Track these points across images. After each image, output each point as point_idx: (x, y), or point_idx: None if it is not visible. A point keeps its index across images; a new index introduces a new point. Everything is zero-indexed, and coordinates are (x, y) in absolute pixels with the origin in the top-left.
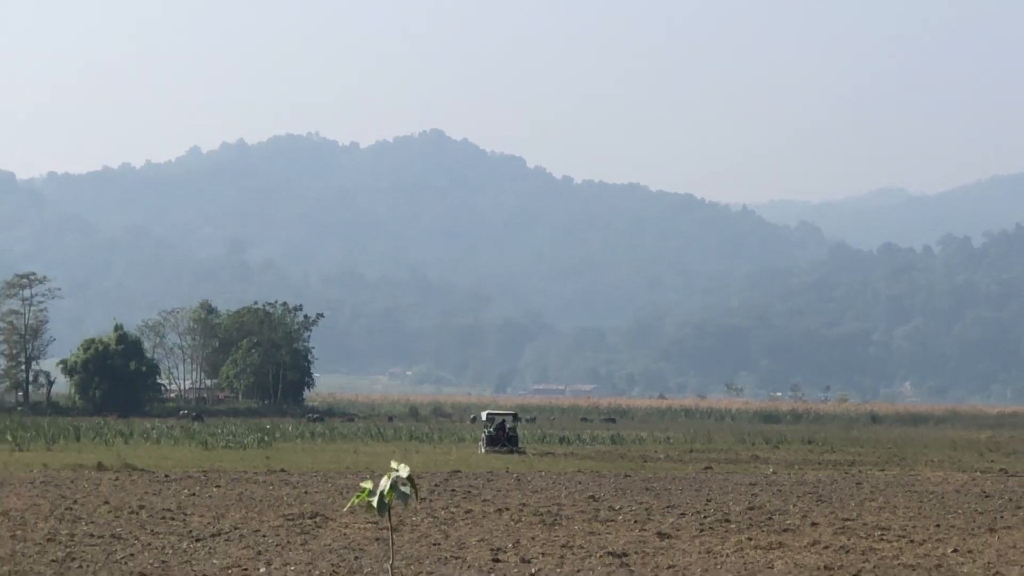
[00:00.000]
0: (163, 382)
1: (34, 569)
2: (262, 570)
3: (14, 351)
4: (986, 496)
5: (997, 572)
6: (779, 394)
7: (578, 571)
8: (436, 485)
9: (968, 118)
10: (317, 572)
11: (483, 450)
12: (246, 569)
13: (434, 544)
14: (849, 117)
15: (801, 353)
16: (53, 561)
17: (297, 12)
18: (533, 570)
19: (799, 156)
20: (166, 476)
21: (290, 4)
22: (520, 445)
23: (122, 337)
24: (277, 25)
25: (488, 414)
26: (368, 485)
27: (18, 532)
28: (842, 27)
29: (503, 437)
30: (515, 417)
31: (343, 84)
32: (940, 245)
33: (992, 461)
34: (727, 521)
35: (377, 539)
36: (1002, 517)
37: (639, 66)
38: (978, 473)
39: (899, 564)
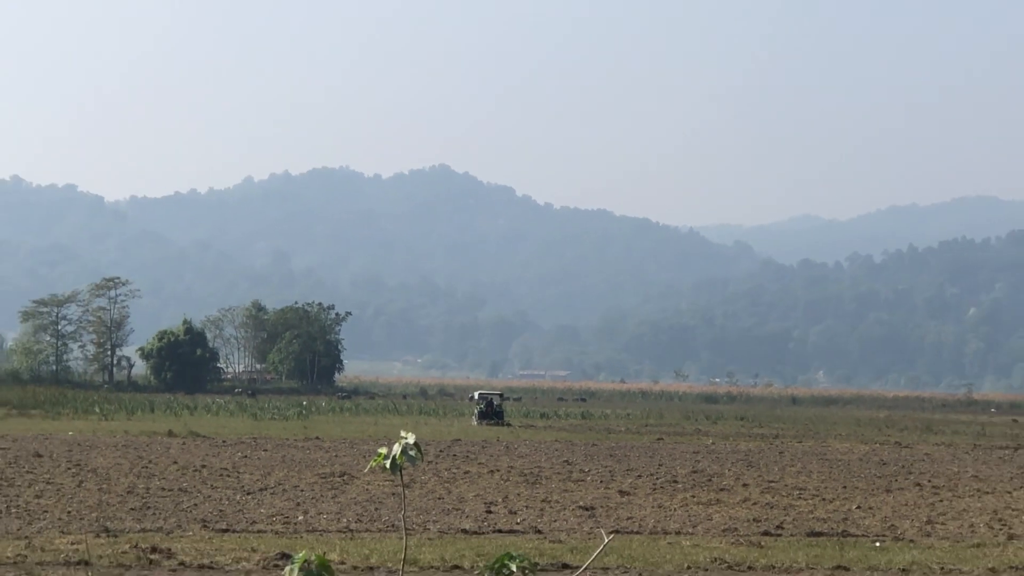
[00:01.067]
0: (221, 366)
1: (117, 515)
2: (300, 518)
3: (101, 340)
4: (883, 463)
5: (891, 524)
6: (717, 380)
7: (555, 521)
8: (440, 451)
9: (871, 157)
10: (344, 519)
11: (475, 423)
12: (287, 517)
13: (438, 498)
14: (775, 157)
15: (736, 347)
16: (132, 509)
17: (335, 67)
18: (519, 520)
19: (736, 187)
20: (223, 441)
21: (328, 60)
22: (506, 419)
23: (189, 329)
24: (319, 76)
25: (480, 394)
26: (384, 450)
27: (103, 486)
28: (765, 79)
29: (491, 412)
30: (501, 396)
31: (369, 126)
32: (848, 261)
33: (888, 435)
34: (675, 482)
35: (393, 493)
36: (896, 480)
37: (605, 109)
38: (877, 444)
39: (813, 518)
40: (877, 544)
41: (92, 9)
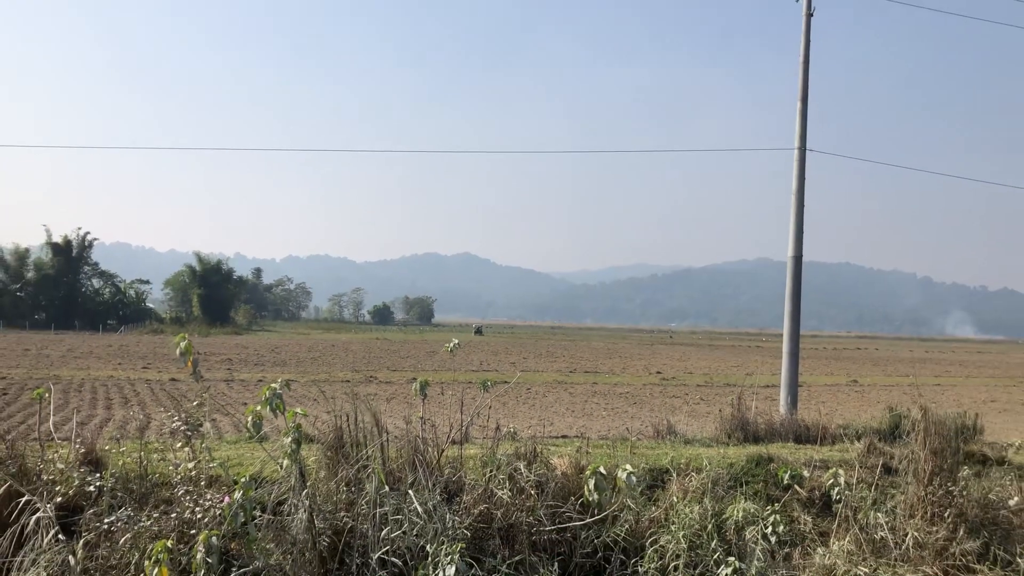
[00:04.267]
0: None
1: None
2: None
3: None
4: (622, 355)
5: (612, 370)
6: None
7: (496, 368)
8: (465, 343)
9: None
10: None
11: (474, 334)
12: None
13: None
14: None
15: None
16: None
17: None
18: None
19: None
20: None
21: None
22: (482, 333)
23: None
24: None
25: (476, 326)
26: (450, 344)
27: None
28: None
29: (479, 329)
30: (480, 329)
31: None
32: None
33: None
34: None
35: (453, 353)
36: (621, 358)
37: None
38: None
39: (593, 371)
40: (608, 375)
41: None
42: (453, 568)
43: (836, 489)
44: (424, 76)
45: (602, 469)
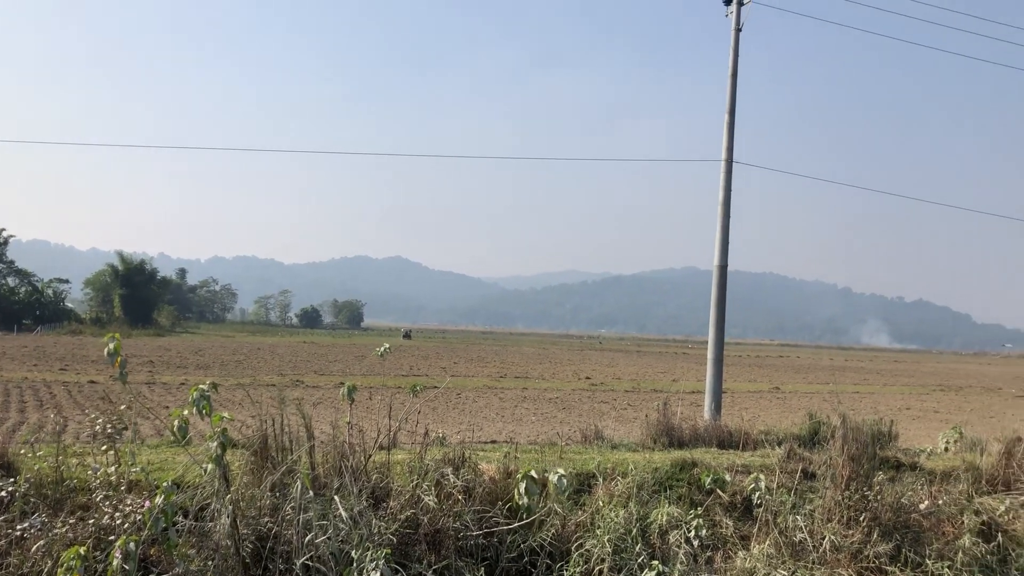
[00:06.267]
0: None
1: None
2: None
3: None
4: (553, 360)
5: (542, 376)
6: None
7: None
8: (396, 347)
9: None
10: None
11: (402, 338)
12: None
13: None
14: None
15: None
16: None
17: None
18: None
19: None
20: None
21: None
22: (411, 337)
23: None
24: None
25: (405, 330)
26: (381, 348)
27: None
28: None
29: (407, 333)
30: (408, 333)
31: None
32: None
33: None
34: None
35: (384, 358)
36: (548, 363)
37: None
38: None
39: (525, 376)
40: (537, 380)
41: None
42: (378, 573)
43: (757, 494)
44: (354, 76)
45: (533, 473)
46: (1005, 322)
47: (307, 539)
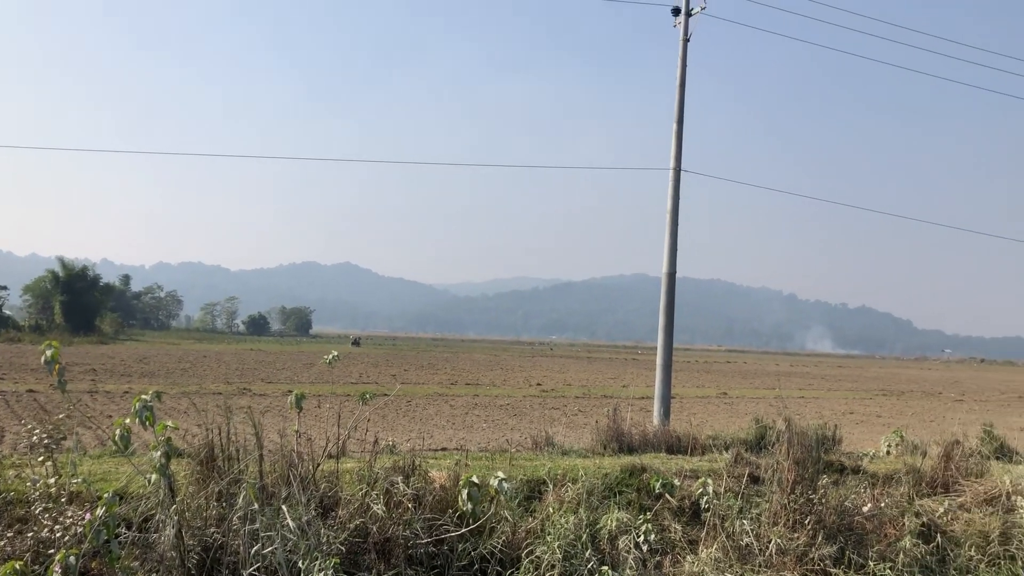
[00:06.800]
0: None
1: None
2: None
3: None
4: (503, 367)
5: (494, 382)
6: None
7: (381, 384)
8: (345, 355)
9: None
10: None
11: (351, 345)
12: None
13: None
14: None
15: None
16: None
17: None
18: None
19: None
20: None
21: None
22: (360, 345)
23: None
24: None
25: (354, 337)
26: (330, 355)
27: None
28: None
29: (356, 341)
30: (357, 340)
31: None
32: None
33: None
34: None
35: (332, 365)
36: (500, 370)
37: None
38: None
39: (474, 383)
40: (488, 387)
41: None
42: None
43: (705, 498)
44: (303, 79)
45: (475, 479)
46: (945, 328)
47: (254, 549)
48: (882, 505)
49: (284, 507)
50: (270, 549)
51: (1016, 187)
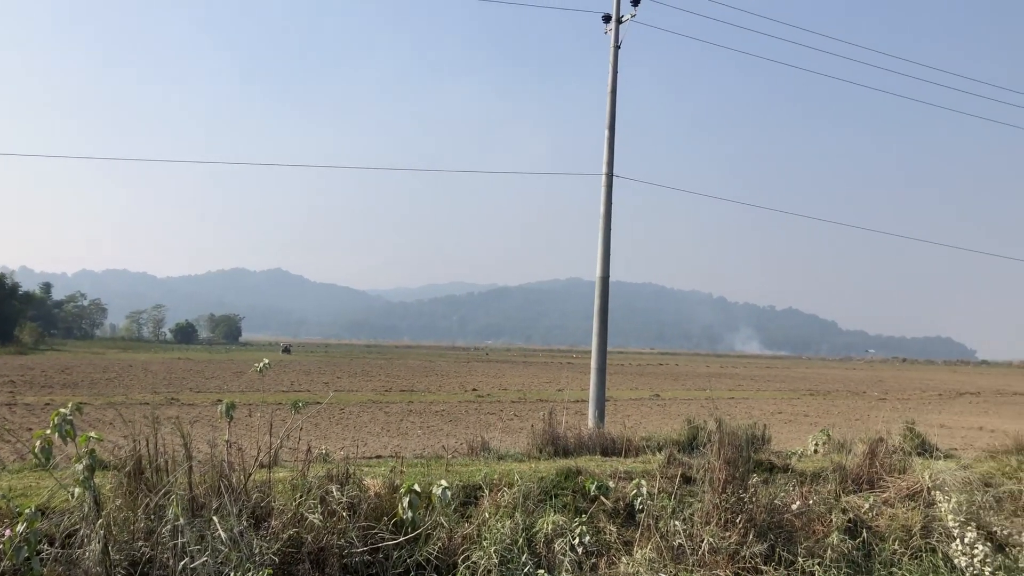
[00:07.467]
0: None
1: None
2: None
3: None
4: (440, 373)
5: (441, 386)
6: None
7: (309, 389)
8: (276, 363)
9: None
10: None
11: (281, 353)
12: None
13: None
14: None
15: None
16: None
17: None
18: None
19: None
20: None
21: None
22: (291, 352)
23: None
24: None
25: (284, 345)
26: (260, 364)
27: None
28: None
29: (287, 348)
30: (288, 348)
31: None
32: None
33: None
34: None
35: (263, 374)
36: (436, 376)
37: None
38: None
39: (410, 389)
40: (424, 393)
41: None
42: None
43: (639, 499)
44: (236, 82)
45: (417, 487)
46: (868, 328)
47: (184, 563)
48: (810, 502)
49: (215, 518)
50: (200, 562)
51: (940, 194)
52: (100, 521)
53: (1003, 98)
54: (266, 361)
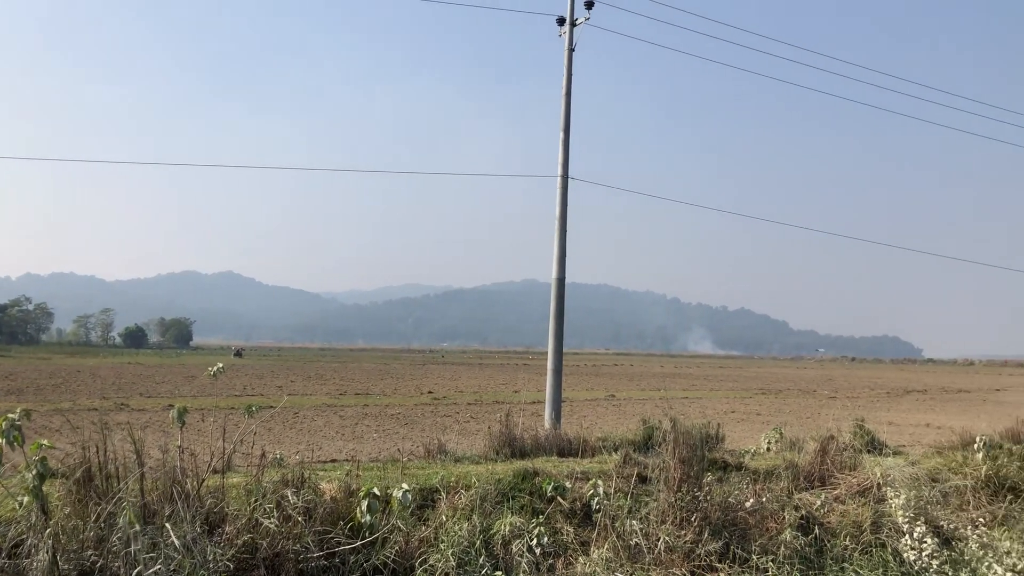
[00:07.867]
0: None
1: None
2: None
3: None
4: (396, 377)
5: (396, 389)
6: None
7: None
8: (229, 367)
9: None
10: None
11: (233, 356)
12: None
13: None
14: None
15: None
16: None
17: None
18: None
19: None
20: None
21: None
22: (243, 356)
23: None
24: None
25: (236, 348)
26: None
27: None
28: None
29: (238, 352)
30: (240, 351)
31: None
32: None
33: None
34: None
35: (216, 378)
36: (406, 380)
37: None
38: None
39: (365, 392)
40: (379, 396)
41: None
42: None
43: (596, 499)
44: (175, 81)
45: (375, 490)
46: (819, 328)
47: (136, 571)
48: (763, 500)
49: (168, 525)
50: (153, 569)
51: (889, 195)
52: (48, 530)
53: (944, 101)
54: (219, 365)
